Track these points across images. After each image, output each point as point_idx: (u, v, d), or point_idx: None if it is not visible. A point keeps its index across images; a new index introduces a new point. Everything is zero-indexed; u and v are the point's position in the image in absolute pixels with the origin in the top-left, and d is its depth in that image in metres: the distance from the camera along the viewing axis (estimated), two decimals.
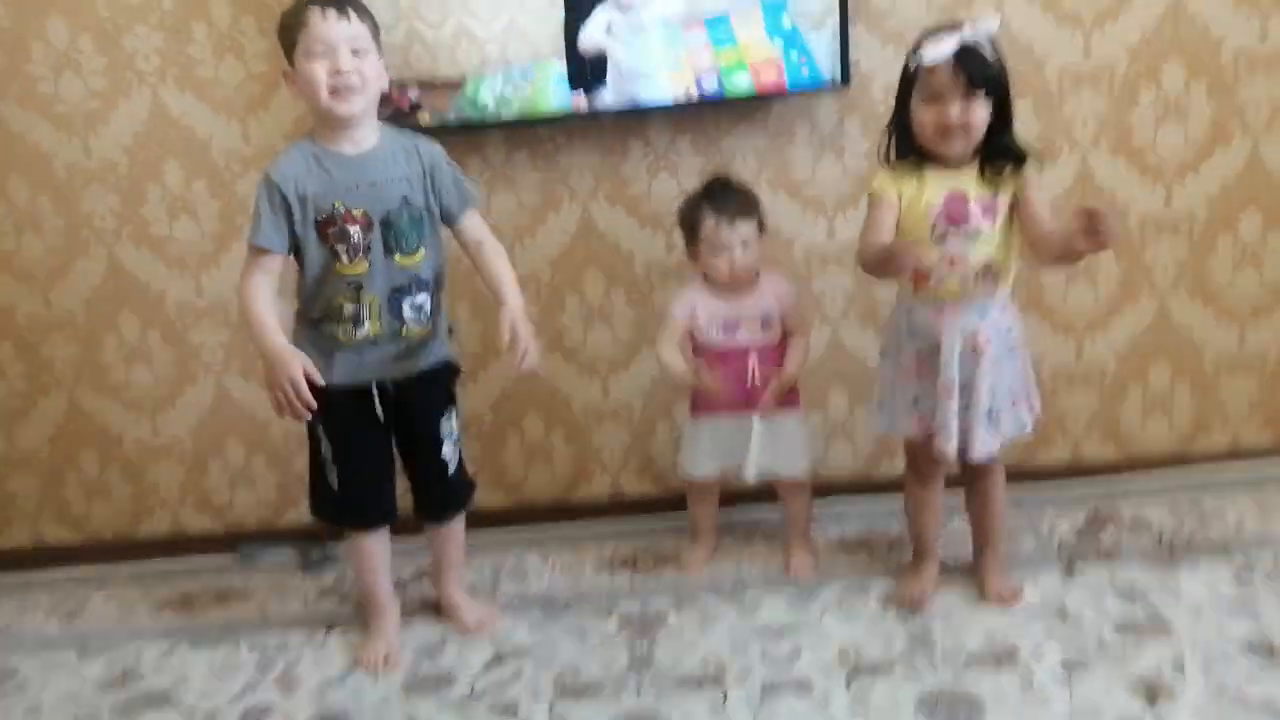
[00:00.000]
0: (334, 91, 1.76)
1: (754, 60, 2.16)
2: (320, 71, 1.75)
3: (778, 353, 2.16)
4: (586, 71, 2.17)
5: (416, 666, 2.02)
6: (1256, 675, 1.76)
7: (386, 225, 1.83)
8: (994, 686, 1.79)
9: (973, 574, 2.10)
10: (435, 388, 2.00)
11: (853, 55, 2.18)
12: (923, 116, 1.79)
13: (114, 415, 2.52)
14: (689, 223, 2.12)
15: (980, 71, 1.74)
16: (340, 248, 1.82)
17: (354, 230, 1.81)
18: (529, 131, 2.30)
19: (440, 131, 2.11)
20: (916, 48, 1.79)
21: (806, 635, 1.99)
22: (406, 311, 1.88)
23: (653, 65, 2.17)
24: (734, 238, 2.07)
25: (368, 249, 1.83)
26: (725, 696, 1.84)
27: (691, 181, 2.30)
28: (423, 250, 1.88)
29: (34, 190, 2.35)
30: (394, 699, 1.93)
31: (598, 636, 2.06)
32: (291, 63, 1.80)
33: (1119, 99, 2.27)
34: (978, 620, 1.98)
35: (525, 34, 2.16)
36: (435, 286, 1.93)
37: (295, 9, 1.78)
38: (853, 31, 2.16)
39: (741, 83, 2.17)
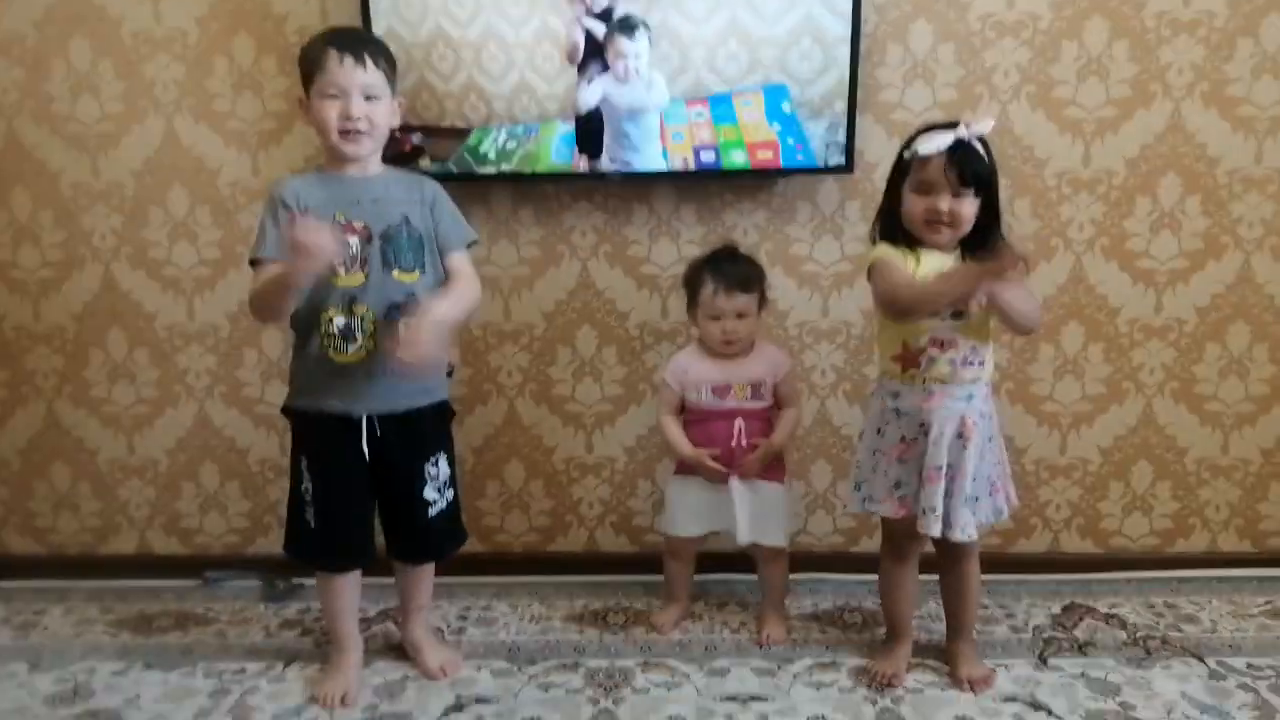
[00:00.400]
0: (343, 133, 1.81)
1: (752, 140, 2.22)
2: (332, 114, 1.80)
3: (765, 420, 2.17)
4: (590, 135, 2.22)
5: (375, 706, 1.97)
6: None
7: (386, 239, 1.85)
8: None
9: (945, 658, 2.08)
10: (423, 428, 1.97)
11: (858, 143, 2.23)
12: (913, 206, 1.83)
13: (91, 430, 2.50)
14: (691, 285, 2.16)
15: (971, 169, 1.78)
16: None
17: (353, 240, 1.83)
18: (535, 187, 2.33)
19: (447, 179, 2.13)
20: (911, 140, 1.84)
21: (773, 705, 1.96)
22: (401, 330, 1.87)
23: (645, 138, 2.22)
24: (730, 307, 2.10)
25: (365, 261, 1.83)
26: None
27: (692, 250, 2.34)
28: (419, 272, 1.88)
29: (36, 205, 2.37)
30: None
31: (561, 691, 2.02)
32: (307, 92, 1.83)
33: (1115, 205, 2.33)
34: (948, 704, 1.96)
35: (534, 93, 2.20)
36: None
37: (317, 45, 1.82)
38: (860, 120, 2.22)
39: (738, 159, 2.23)
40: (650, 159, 2.23)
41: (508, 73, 2.19)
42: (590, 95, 2.19)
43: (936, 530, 1.88)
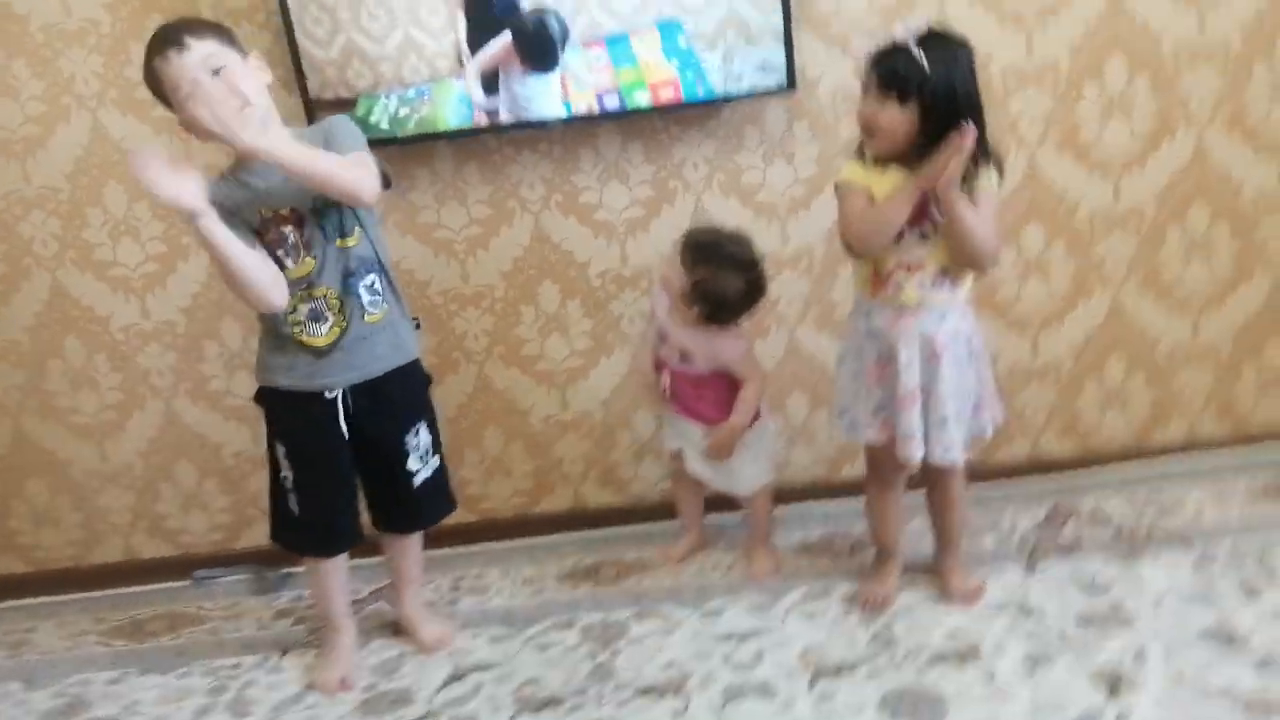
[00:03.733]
0: (220, 118, 1.64)
1: (653, 80, 2.17)
2: (200, 111, 1.63)
3: (697, 386, 2.15)
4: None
5: (374, 685, 1.98)
6: (1216, 663, 1.76)
7: (316, 213, 1.79)
8: (957, 684, 1.79)
9: (934, 573, 2.09)
10: (401, 395, 1.94)
11: (798, 60, 2.18)
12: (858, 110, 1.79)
13: (61, 442, 2.46)
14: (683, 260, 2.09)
15: (890, 75, 1.70)
16: (280, 253, 1.78)
17: (289, 231, 1.78)
18: (477, 142, 2.28)
19: (386, 145, 2.09)
20: None
21: (769, 639, 1.98)
22: (363, 295, 1.83)
23: (542, 87, 2.16)
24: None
25: (309, 245, 1.79)
26: (688, 704, 1.82)
27: (644, 190, 2.30)
28: (358, 230, 1.83)
29: None
30: (350, 719, 1.89)
31: (559, 649, 2.03)
32: (174, 109, 1.73)
33: (1063, 96, 2.29)
34: (940, 619, 1.98)
35: (422, 51, 2.09)
36: (381, 266, 1.87)
37: (146, 67, 1.72)
38: (797, 36, 2.16)
39: (642, 100, 2.17)
40: (549, 105, 2.16)
41: (390, 32, 2.07)
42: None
43: (917, 456, 1.88)
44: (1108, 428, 2.52)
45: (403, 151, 2.18)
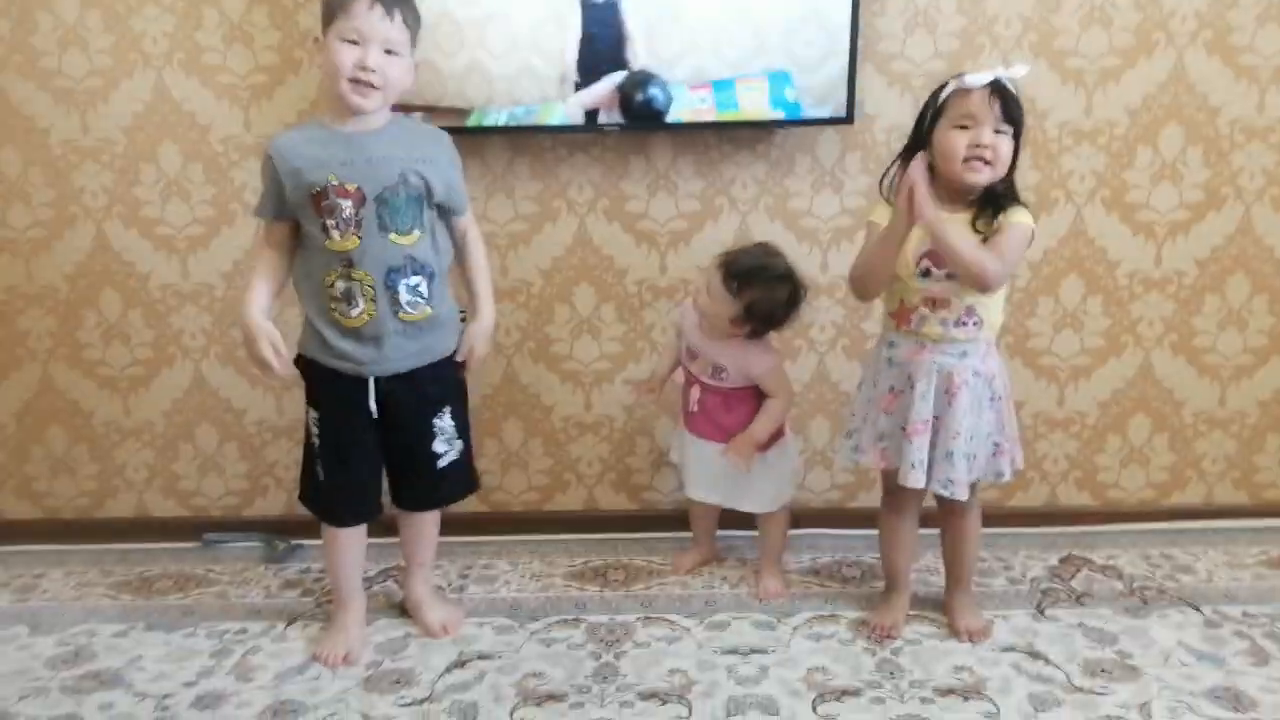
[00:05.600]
0: (354, 82, 1.75)
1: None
2: (347, 60, 1.73)
3: (727, 399, 2.14)
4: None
5: (377, 663, 1.98)
6: None
7: (381, 201, 1.80)
8: (960, 718, 1.78)
9: (943, 609, 2.09)
10: (434, 385, 1.95)
11: (858, 94, 2.20)
12: (953, 143, 1.77)
13: (86, 393, 2.48)
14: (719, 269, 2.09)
15: (1012, 105, 1.76)
16: (329, 222, 1.79)
17: (345, 204, 1.78)
18: (532, 141, 2.30)
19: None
20: (942, 87, 1.81)
21: (774, 657, 1.97)
22: (403, 293, 1.84)
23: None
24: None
25: (359, 224, 1.79)
26: (690, 711, 1.81)
27: (690, 204, 2.32)
28: (418, 233, 1.84)
29: (26, 163, 2.32)
30: (351, 695, 1.89)
31: (563, 646, 2.03)
32: (325, 32, 1.77)
33: (1116, 156, 2.31)
34: (946, 654, 1.97)
35: (535, 74, 2.16)
36: (434, 273, 1.88)
37: None
38: (860, 71, 2.19)
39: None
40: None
41: (511, 53, 2.15)
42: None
43: (917, 483, 1.88)
44: (1126, 483, 2.52)
45: (456, 140, 2.20)
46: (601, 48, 2.15)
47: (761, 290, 2.04)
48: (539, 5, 2.13)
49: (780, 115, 2.18)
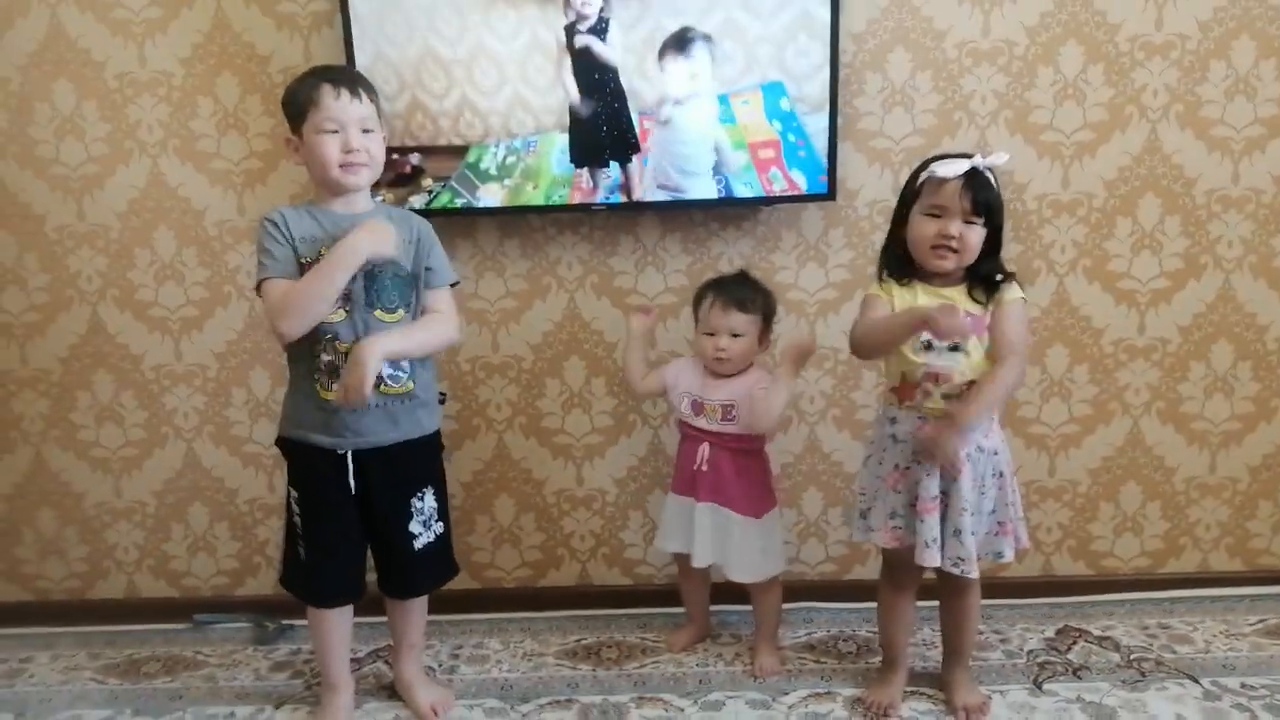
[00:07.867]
0: (345, 166, 1.81)
1: (753, 139, 2.22)
2: (332, 149, 1.79)
3: (733, 451, 2.14)
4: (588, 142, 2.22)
5: None
6: None
7: (370, 278, 1.83)
8: None
9: (940, 685, 2.07)
10: (413, 463, 1.96)
11: (840, 172, 2.25)
12: (923, 230, 1.82)
13: (79, 474, 2.48)
14: (696, 300, 2.17)
15: (984, 197, 1.79)
16: None
17: None
18: (521, 220, 2.34)
19: (434, 215, 2.14)
20: (922, 168, 1.84)
21: None
22: (385, 368, 1.85)
23: (690, 161, 2.24)
24: (724, 323, 2.09)
25: (347, 297, 1.81)
26: None
27: (679, 279, 2.35)
28: (403, 312, 1.87)
29: (22, 249, 2.36)
30: None
31: None
32: (296, 131, 1.83)
33: (1096, 227, 2.34)
34: None
35: (529, 106, 2.20)
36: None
37: (307, 83, 1.82)
38: (840, 148, 2.23)
39: (740, 160, 2.21)
40: (702, 185, 2.24)
41: (501, 88, 2.19)
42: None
43: (933, 561, 1.87)
44: (1121, 552, 2.52)
45: (448, 223, 2.23)
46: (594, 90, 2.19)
47: (757, 288, 2.15)
48: (521, 37, 2.16)
49: (778, 126, 2.20)
